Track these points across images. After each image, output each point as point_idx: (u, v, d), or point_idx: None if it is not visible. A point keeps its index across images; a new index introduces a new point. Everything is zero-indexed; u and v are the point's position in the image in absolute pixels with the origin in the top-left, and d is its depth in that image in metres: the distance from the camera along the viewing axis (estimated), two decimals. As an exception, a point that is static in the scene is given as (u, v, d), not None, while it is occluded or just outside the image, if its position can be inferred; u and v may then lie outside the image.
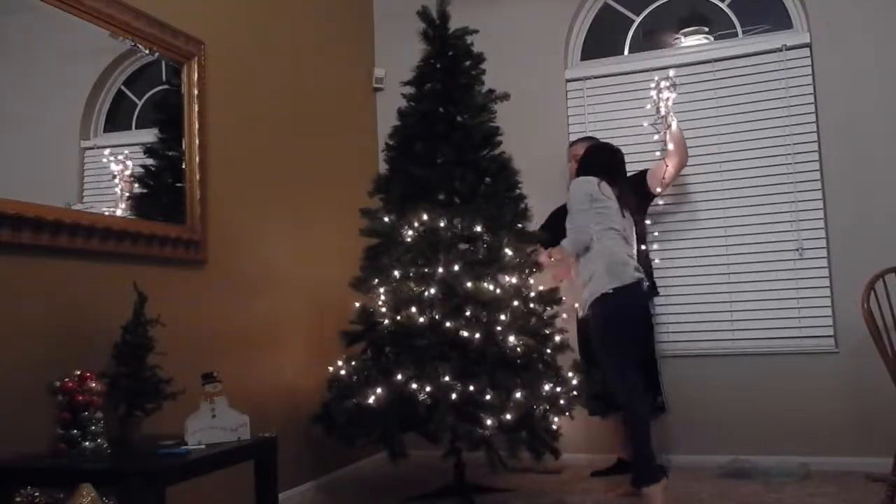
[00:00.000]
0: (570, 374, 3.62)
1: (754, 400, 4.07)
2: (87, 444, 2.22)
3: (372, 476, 4.18)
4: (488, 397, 3.28)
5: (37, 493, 2.08)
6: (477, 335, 3.33)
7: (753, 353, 4.14)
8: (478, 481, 3.72)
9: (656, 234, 4.31)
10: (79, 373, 2.27)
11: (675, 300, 4.32)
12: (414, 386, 3.27)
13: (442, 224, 3.50)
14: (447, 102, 3.70)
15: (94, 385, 2.27)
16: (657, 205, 4.31)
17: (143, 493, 1.98)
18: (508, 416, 3.25)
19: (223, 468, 2.39)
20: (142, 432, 2.46)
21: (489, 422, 3.23)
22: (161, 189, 3.06)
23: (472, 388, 3.27)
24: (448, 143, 3.66)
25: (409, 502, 3.60)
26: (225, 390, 2.49)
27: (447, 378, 3.26)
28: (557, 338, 3.66)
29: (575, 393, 3.56)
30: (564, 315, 3.82)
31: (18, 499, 2.06)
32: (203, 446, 2.34)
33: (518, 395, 3.31)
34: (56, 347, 2.42)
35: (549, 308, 3.69)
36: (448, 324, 3.36)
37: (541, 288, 3.68)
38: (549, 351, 3.61)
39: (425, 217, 3.51)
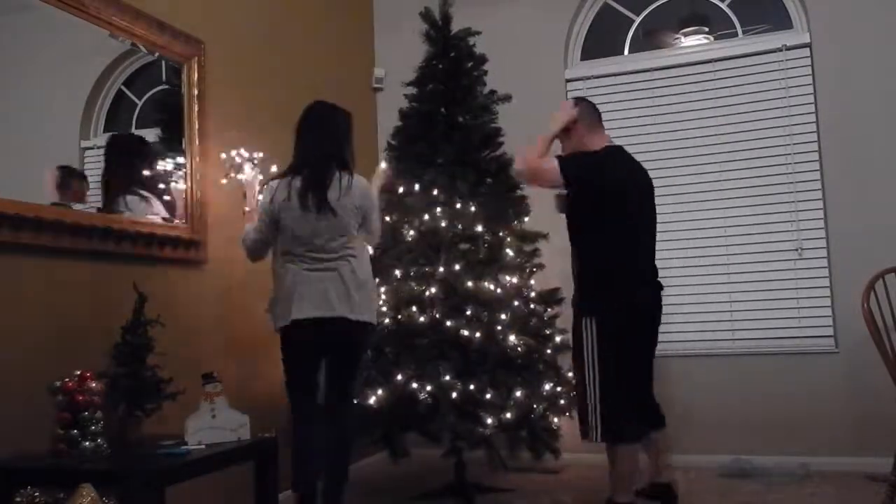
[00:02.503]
0: (571, 374, 3.62)
1: (754, 400, 4.07)
2: (87, 444, 2.21)
3: (372, 476, 4.18)
4: (489, 396, 3.28)
5: (37, 493, 2.08)
6: (478, 334, 3.34)
7: (753, 353, 4.14)
8: (478, 481, 3.72)
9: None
10: (79, 373, 2.27)
11: (676, 300, 4.31)
12: (415, 385, 3.28)
13: (443, 224, 3.50)
14: (449, 103, 3.71)
15: (94, 385, 2.27)
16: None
17: (143, 493, 1.98)
18: (508, 415, 3.25)
19: (223, 468, 2.39)
20: (142, 432, 2.46)
21: (489, 420, 3.24)
22: (161, 189, 3.06)
23: (472, 387, 3.27)
24: (449, 143, 3.66)
25: (410, 502, 3.60)
26: (225, 390, 2.49)
27: (447, 377, 3.26)
28: (558, 338, 3.66)
29: (574, 393, 3.56)
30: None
31: (18, 499, 2.07)
32: (203, 446, 2.34)
33: (518, 393, 3.31)
34: (56, 347, 2.42)
35: (549, 308, 3.70)
36: (448, 323, 3.36)
37: (541, 288, 3.69)
38: (549, 351, 3.61)
39: (426, 217, 3.51)
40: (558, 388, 3.50)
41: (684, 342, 4.26)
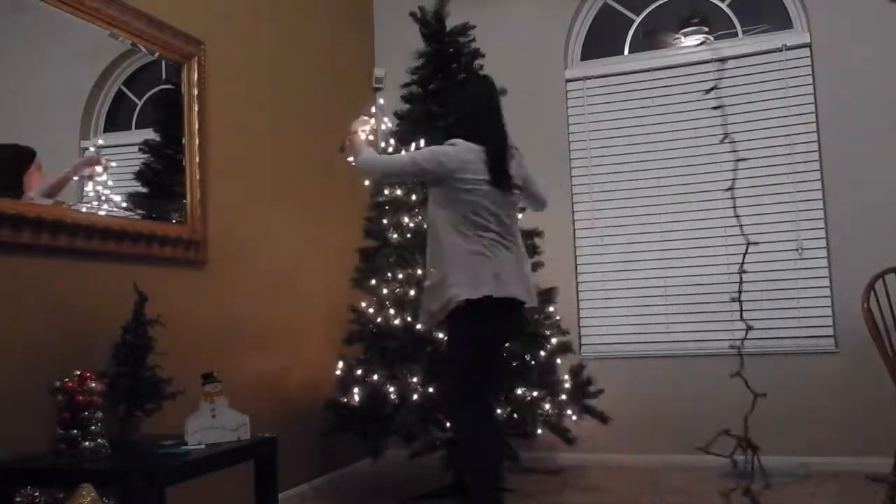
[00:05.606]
0: (567, 377, 3.62)
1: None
2: (87, 444, 2.21)
3: (372, 476, 4.18)
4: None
5: (37, 493, 2.08)
6: (445, 337, 3.35)
7: (753, 353, 4.14)
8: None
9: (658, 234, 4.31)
10: (79, 373, 2.27)
11: (676, 300, 4.33)
12: (390, 388, 3.29)
13: (425, 226, 3.50)
14: (438, 103, 3.70)
15: (94, 385, 2.26)
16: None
17: (143, 493, 1.98)
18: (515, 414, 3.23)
19: (223, 468, 2.39)
20: (142, 432, 2.46)
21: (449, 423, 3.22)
22: (161, 189, 3.06)
23: (430, 389, 3.26)
24: (432, 142, 3.65)
25: (409, 502, 3.60)
26: (225, 390, 2.49)
27: (415, 379, 3.27)
28: (555, 340, 3.66)
29: (564, 397, 3.54)
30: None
31: (18, 499, 2.06)
32: (203, 446, 2.34)
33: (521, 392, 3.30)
34: (56, 347, 2.42)
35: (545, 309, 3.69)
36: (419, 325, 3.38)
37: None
38: (542, 353, 3.59)
39: (406, 219, 3.52)
40: (535, 393, 3.40)
41: (685, 342, 4.26)
